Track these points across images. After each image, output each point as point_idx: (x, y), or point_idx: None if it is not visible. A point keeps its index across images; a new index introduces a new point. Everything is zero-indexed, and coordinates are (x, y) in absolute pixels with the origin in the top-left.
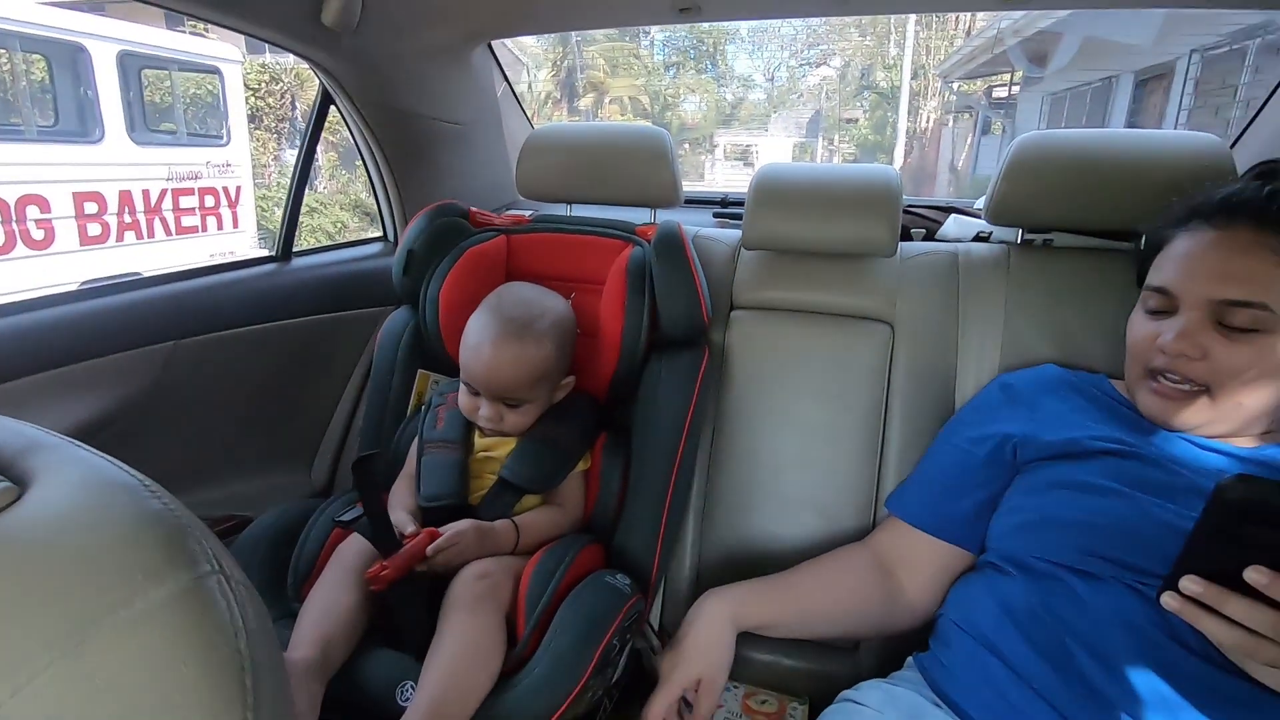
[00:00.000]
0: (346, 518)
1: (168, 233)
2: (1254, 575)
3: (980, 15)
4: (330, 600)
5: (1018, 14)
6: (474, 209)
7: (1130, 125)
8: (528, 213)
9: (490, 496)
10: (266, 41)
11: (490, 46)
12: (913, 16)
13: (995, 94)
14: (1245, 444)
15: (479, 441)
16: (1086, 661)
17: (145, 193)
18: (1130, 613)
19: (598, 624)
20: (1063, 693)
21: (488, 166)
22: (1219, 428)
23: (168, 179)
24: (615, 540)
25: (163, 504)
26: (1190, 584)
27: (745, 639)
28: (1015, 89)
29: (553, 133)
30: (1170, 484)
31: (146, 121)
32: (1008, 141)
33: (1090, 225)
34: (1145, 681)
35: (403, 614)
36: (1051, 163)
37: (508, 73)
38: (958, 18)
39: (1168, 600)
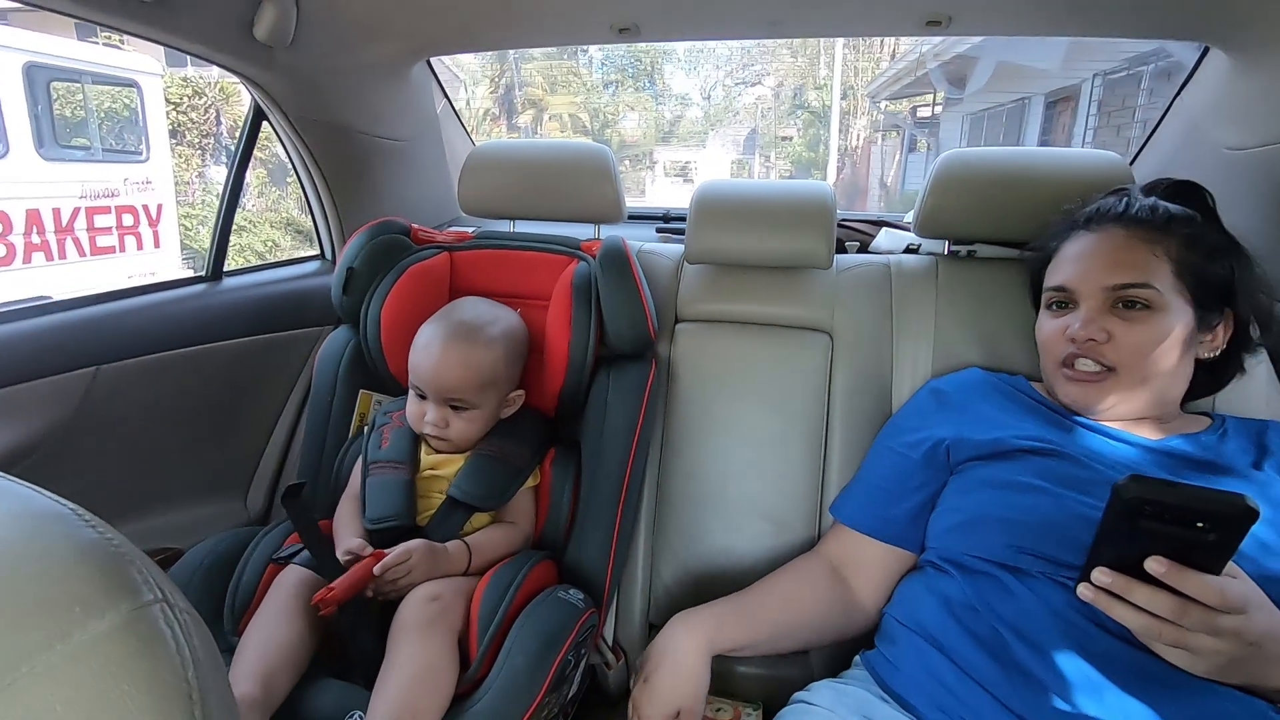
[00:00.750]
0: (283, 554)
1: (81, 253)
2: (1153, 565)
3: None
4: (271, 632)
5: (937, 39)
6: (416, 226)
7: (1042, 143)
8: (470, 229)
9: (439, 516)
10: (196, 56)
11: (429, 63)
12: (840, 40)
13: (920, 113)
14: (1153, 435)
15: (426, 460)
16: (1021, 650)
17: (56, 211)
18: (1057, 603)
19: (552, 640)
20: (1002, 681)
21: (428, 183)
22: (1130, 408)
23: (81, 197)
24: (567, 555)
25: (98, 533)
26: (1100, 575)
27: None
28: (938, 109)
29: (495, 149)
30: (1087, 478)
31: (56, 136)
32: (932, 158)
33: (1009, 237)
34: (1074, 666)
35: (352, 639)
36: (973, 178)
37: (445, 90)
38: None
39: (1083, 591)
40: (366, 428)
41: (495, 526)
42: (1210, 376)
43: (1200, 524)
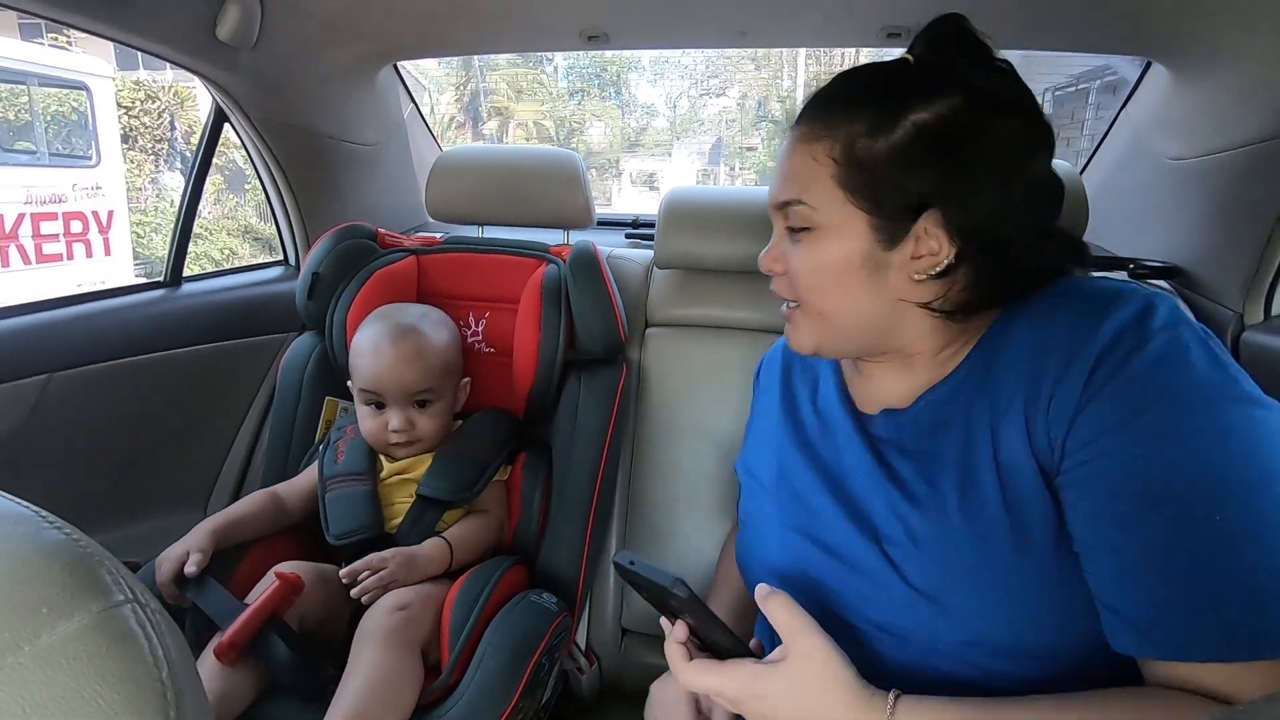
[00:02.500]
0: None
1: (26, 261)
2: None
3: (864, 53)
4: (217, 667)
5: (898, 51)
6: (382, 231)
7: None
8: (438, 235)
9: (411, 517)
10: (157, 56)
11: (396, 68)
12: (803, 53)
13: None
14: (903, 399)
15: (391, 465)
16: None
17: None
18: None
19: (525, 645)
20: None
21: (395, 188)
22: (838, 349)
23: (26, 202)
24: (539, 560)
25: (64, 534)
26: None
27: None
28: None
29: (463, 155)
30: (819, 494)
31: None
32: None
33: None
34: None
35: (273, 669)
36: None
37: (413, 95)
38: (844, 55)
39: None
40: (321, 446)
41: (470, 518)
42: (973, 303)
43: (662, 593)
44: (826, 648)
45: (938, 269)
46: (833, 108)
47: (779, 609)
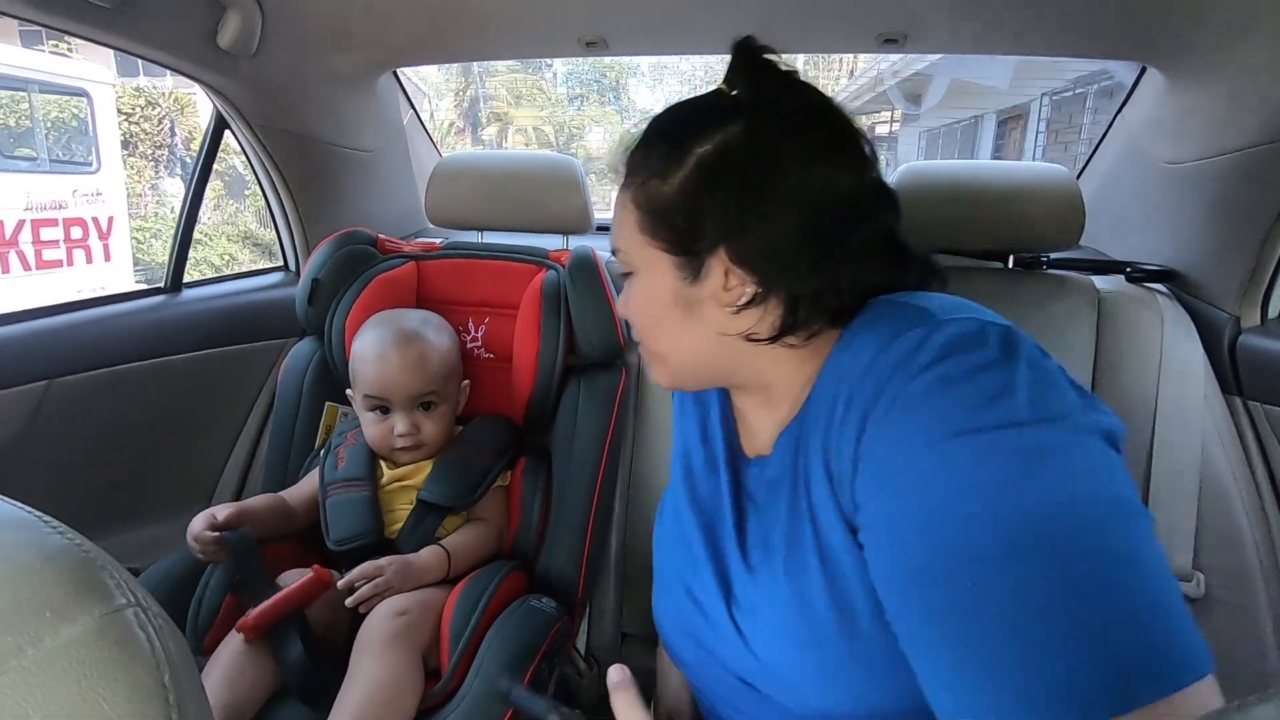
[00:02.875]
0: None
1: (26, 267)
2: None
3: (862, 59)
4: (233, 665)
5: (895, 56)
6: (382, 236)
7: (995, 158)
8: (438, 241)
9: (411, 523)
10: (159, 64)
11: (396, 74)
12: (801, 58)
13: (878, 130)
14: (763, 446)
15: (392, 472)
16: None
17: None
18: None
19: (525, 650)
20: None
21: (395, 194)
22: (691, 384)
23: (26, 209)
24: (539, 565)
25: (66, 539)
26: None
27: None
28: (896, 126)
29: (463, 160)
30: (695, 545)
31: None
32: (890, 173)
33: (965, 246)
34: None
35: (281, 662)
36: (930, 190)
37: (412, 101)
38: (841, 60)
39: None
40: (322, 451)
41: (469, 526)
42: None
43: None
44: None
45: (744, 300)
46: (635, 152)
47: (619, 709)
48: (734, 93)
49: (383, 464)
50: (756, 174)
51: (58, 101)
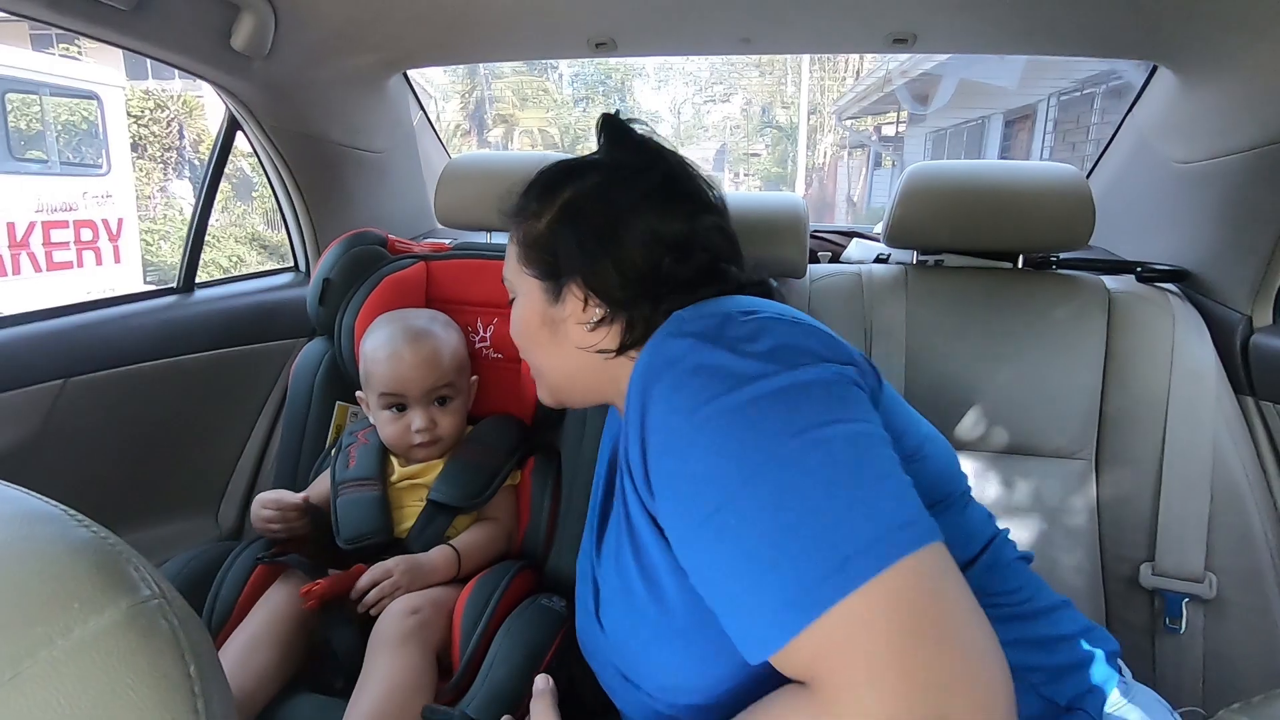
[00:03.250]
0: (270, 557)
1: (37, 269)
2: None
3: (868, 60)
4: (249, 654)
5: (903, 57)
6: (392, 237)
7: (1002, 159)
8: (447, 241)
9: (421, 523)
10: (172, 66)
11: (406, 76)
12: (807, 59)
13: (884, 131)
14: None
15: (403, 470)
16: None
17: (10, 226)
18: None
19: (536, 649)
20: None
21: (404, 195)
22: (566, 401)
23: (37, 211)
24: (549, 564)
25: (92, 532)
26: None
27: None
28: (902, 127)
29: (472, 161)
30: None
31: (11, 149)
32: (897, 175)
33: (974, 246)
34: None
35: (330, 637)
36: (939, 190)
37: (421, 103)
38: (848, 61)
39: None
40: (334, 450)
41: (479, 525)
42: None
43: None
44: None
45: (595, 320)
46: (520, 198)
47: (536, 713)
48: (597, 154)
49: (394, 461)
50: (601, 218)
51: (68, 104)
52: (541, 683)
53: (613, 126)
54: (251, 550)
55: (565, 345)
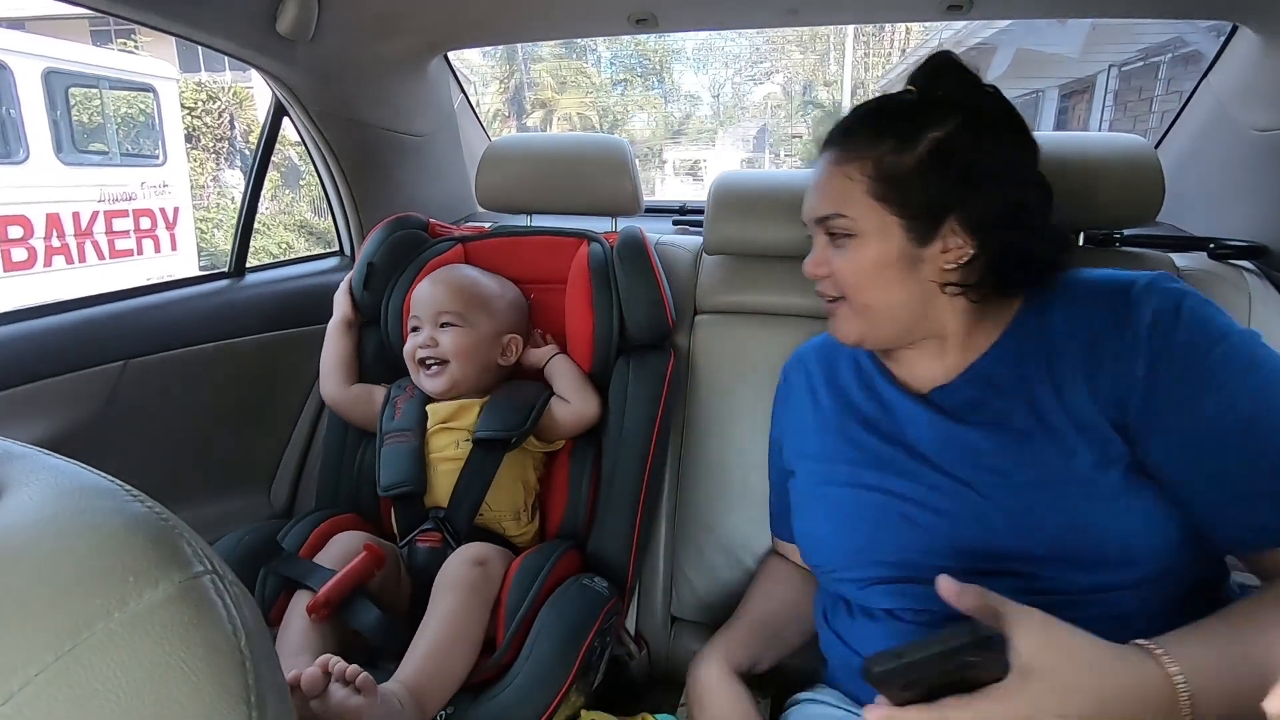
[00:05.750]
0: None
1: (100, 257)
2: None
3: (914, 34)
4: (302, 635)
5: (956, 27)
6: (433, 221)
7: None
8: (487, 225)
9: (470, 471)
10: (219, 51)
11: (447, 58)
12: (851, 35)
13: None
14: (941, 376)
15: (437, 411)
16: None
17: (75, 215)
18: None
19: (578, 627)
20: None
21: (446, 179)
22: (878, 338)
23: (100, 201)
24: (589, 546)
25: (147, 507)
26: None
27: (708, 637)
28: None
29: (512, 143)
30: (890, 458)
31: (75, 141)
32: None
33: None
34: None
35: (361, 627)
36: None
37: (463, 85)
38: (892, 37)
39: None
40: (383, 400)
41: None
42: (995, 289)
43: (969, 659)
44: (1052, 624)
45: (963, 260)
46: (859, 133)
47: (970, 596)
48: (940, 93)
49: (429, 410)
50: (978, 157)
51: (126, 97)
52: (949, 585)
53: (959, 69)
54: (300, 528)
55: (913, 283)
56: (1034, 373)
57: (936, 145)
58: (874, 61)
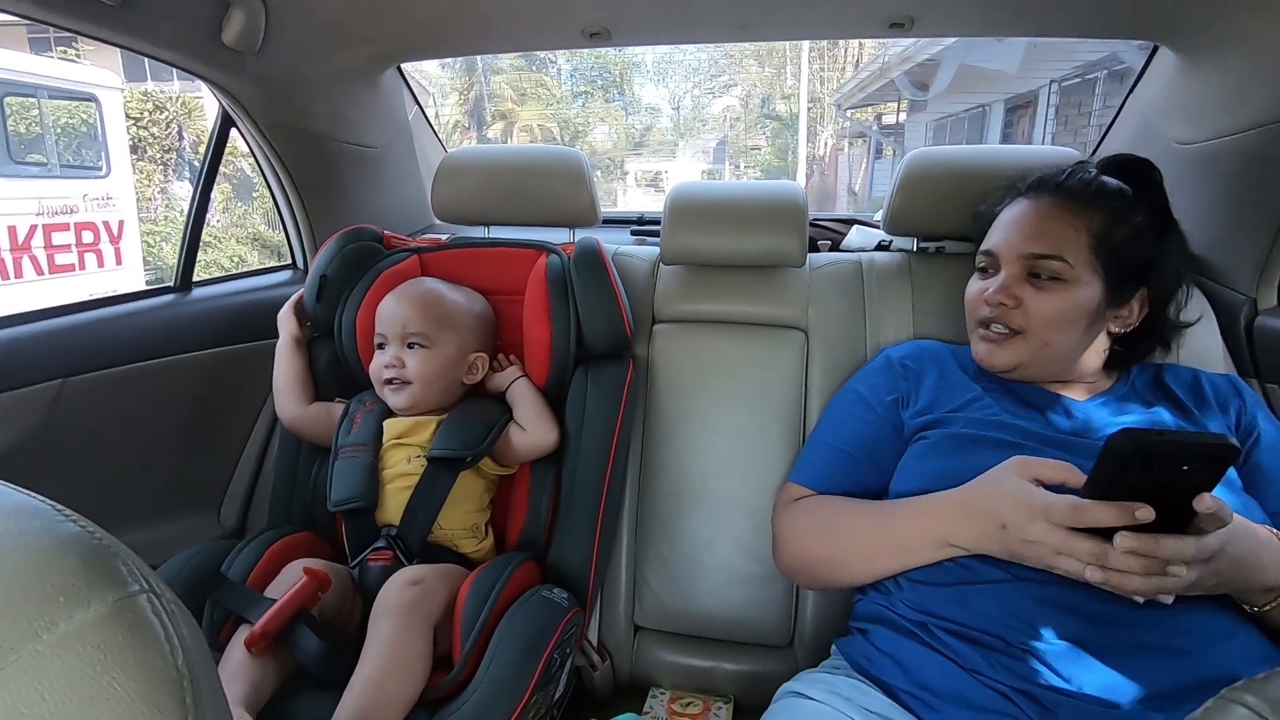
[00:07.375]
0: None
1: (39, 272)
2: (1143, 514)
3: (868, 48)
4: (248, 658)
5: (903, 44)
6: (388, 233)
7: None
8: (444, 237)
9: (423, 490)
10: (163, 62)
11: (400, 70)
12: (806, 48)
13: (885, 121)
14: (1080, 396)
15: (392, 426)
16: (1001, 632)
17: (12, 229)
18: (1026, 575)
19: (536, 639)
20: (982, 663)
21: (401, 191)
22: (1034, 372)
23: (38, 214)
24: (550, 556)
25: (80, 527)
26: (1124, 541)
27: (671, 644)
28: (903, 116)
29: (468, 155)
30: (1039, 432)
31: (11, 152)
32: (898, 164)
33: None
34: (1053, 640)
35: (304, 654)
36: (939, 176)
37: (417, 97)
38: (847, 50)
39: (1091, 575)
40: (341, 414)
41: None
42: (1126, 350)
43: (1185, 467)
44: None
45: (1136, 324)
46: (1078, 193)
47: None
48: (1123, 184)
49: (385, 425)
50: (1167, 239)
51: (67, 107)
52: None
53: (1149, 167)
54: (252, 549)
55: (1090, 336)
56: (1144, 406)
57: (1139, 228)
58: (829, 74)
